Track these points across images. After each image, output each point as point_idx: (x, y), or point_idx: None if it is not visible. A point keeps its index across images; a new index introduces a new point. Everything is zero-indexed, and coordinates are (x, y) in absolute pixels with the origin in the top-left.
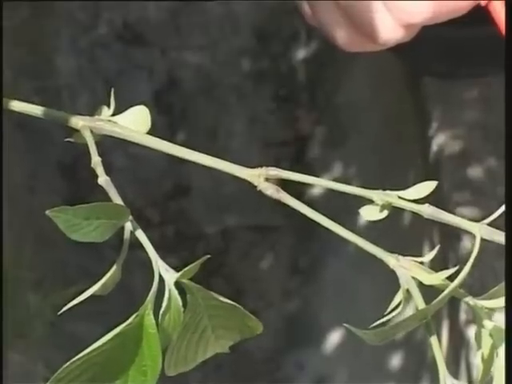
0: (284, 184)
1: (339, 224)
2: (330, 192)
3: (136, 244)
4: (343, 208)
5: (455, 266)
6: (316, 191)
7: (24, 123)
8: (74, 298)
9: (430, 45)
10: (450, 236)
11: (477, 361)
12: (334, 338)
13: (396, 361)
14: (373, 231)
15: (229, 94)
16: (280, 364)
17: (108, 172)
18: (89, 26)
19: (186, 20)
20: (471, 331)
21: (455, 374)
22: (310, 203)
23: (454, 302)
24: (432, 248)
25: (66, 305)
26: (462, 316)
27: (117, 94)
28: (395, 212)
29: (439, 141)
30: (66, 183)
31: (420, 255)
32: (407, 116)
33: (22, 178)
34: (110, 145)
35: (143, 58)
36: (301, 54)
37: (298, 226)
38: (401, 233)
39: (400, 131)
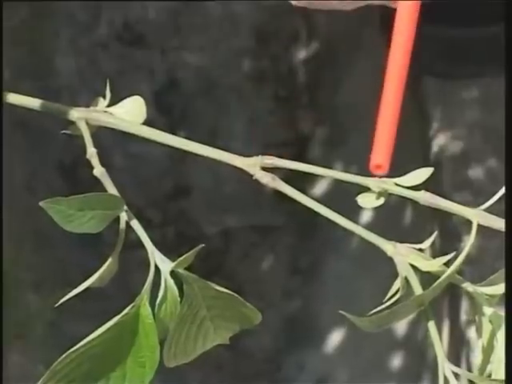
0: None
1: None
2: (332, 192)
3: (138, 244)
4: (344, 208)
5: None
6: (317, 191)
7: (24, 123)
8: (74, 298)
9: (430, 44)
10: (451, 237)
11: (478, 348)
12: (335, 338)
13: (397, 361)
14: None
15: (229, 95)
16: (280, 364)
17: (109, 172)
18: (89, 26)
19: (186, 20)
20: (472, 331)
21: (455, 373)
22: None
23: (454, 303)
24: (433, 249)
25: (66, 305)
26: (463, 316)
27: (117, 94)
28: (395, 213)
29: (440, 141)
30: (66, 183)
31: None
32: (407, 115)
33: (21, 178)
34: (111, 145)
35: (143, 58)
36: (301, 54)
37: (298, 226)
38: (400, 235)
39: (400, 131)
